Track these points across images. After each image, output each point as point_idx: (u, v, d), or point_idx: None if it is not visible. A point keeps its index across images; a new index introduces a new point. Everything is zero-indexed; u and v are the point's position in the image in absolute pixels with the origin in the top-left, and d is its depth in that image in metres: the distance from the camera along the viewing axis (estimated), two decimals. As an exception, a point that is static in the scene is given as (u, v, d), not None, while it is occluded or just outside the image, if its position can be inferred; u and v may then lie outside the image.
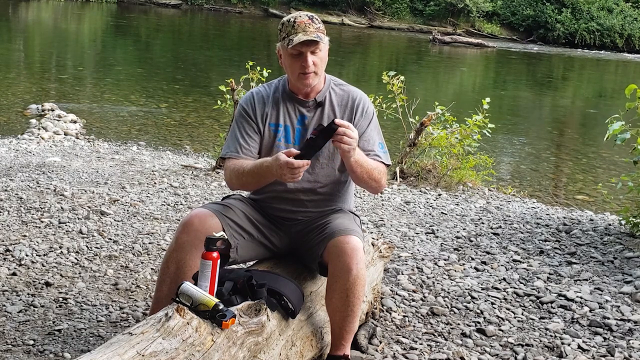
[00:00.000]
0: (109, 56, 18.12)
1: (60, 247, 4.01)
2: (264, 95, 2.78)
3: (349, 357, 2.71)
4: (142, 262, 3.94)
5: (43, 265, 3.74)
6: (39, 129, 8.27)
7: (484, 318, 3.48)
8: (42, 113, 9.23)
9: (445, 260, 4.34)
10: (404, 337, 3.21)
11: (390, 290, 3.73)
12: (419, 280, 3.94)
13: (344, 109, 2.75)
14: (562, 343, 3.23)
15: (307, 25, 2.61)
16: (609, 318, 3.53)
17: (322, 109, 2.74)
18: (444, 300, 3.68)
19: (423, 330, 3.31)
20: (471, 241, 4.83)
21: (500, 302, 3.70)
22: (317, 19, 2.67)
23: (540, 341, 3.26)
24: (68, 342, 2.92)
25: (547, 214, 5.81)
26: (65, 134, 8.20)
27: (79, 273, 3.70)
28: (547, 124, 13.99)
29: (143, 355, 1.81)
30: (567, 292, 3.84)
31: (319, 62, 2.65)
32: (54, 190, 5.20)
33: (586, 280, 4.10)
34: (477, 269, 4.22)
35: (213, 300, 2.09)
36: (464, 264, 4.31)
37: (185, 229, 2.58)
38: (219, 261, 2.25)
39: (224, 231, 2.55)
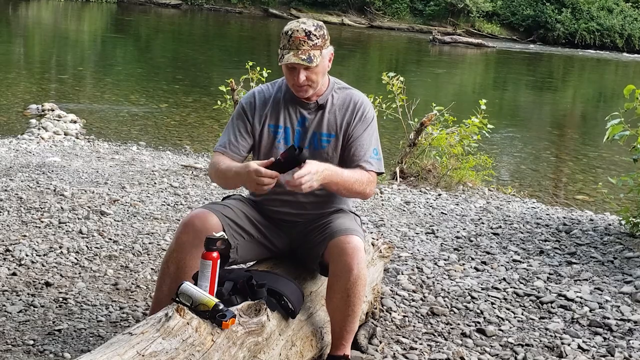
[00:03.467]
0: (109, 56, 18.12)
1: (60, 247, 4.01)
2: (266, 95, 2.77)
3: (349, 357, 2.71)
4: (142, 262, 3.94)
5: (43, 265, 3.74)
6: (39, 129, 8.27)
7: (484, 318, 3.48)
8: (42, 113, 9.22)
9: (445, 260, 4.34)
10: (404, 337, 3.22)
11: (390, 290, 3.73)
12: (419, 280, 3.94)
13: (344, 112, 2.74)
14: (562, 343, 3.23)
15: (301, 42, 2.55)
16: (609, 318, 3.53)
17: (322, 111, 2.73)
18: (444, 300, 3.68)
19: (423, 330, 3.31)
20: (471, 241, 4.83)
21: (500, 302, 3.70)
22: (314, 34, 2.57)
23: (540, 341, 3.26)
24: (68, 342, 2.92)
25: (547, 214, 5.80)
26: (65, 134, 8.20)
27: (79, 273, 3.70)
28: (547, 124, 13.99)
29: (143, 355, 1.81)
30: (567, 292, 3.84)
31: (314, 76, 2.62)
32: (54, 190, 5.20)
33: (586, 280, 4.10)
34: (477, 269, 4.22)
35: (213, 300, 2.10)
36: (464, 264, 4.31)
37: (186, 229, 2.58)
38: (219, 261, 2.25)
39: (224, 231, 2.56)
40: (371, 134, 2.74)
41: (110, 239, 4.27)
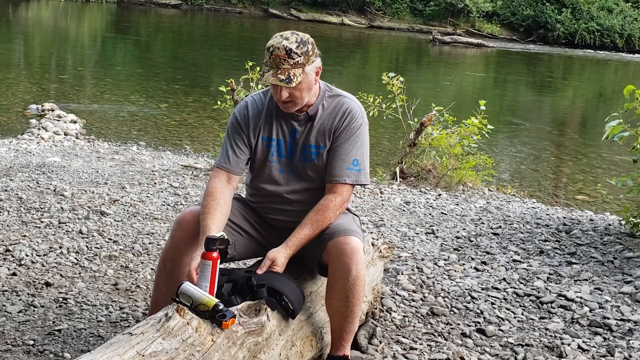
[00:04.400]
0: (109, 56, 18.12)
1: (60, 247, 4.01)
2: (259, 106, 2.72)
3: (349, 357, 2.71)
4: (142, 262, 3.95)
5: (43, 265, 3.74)
6: (39, 129, 8.26)
7: (484, 318, 3.49)
8: (42, 113, 9.22)
9: (445, 260, 4.34)
10: (404, 337, 3.22)
11: (390, 290, 3.72)
12: (419, 280, 3.94)
13: (332, 120, 2.67)
14: (562, 343, 3.23)
15: (281, 61, 2.48)
16: (609, 318, 3.53)
17: (312, 123, 2.67)
18: (444, 300, 3.68)
19: (423, 330, 3.31)
20: (471, 241, 4.83)
21: (500, 302, 3.70)
22: (296, 52, 2.48)
23: (540, 341, 3.26)
24: (68, 342, 2.92)
25: (547, 214, 5.80)
26: (65, 134, 8.19)
27: (79, 273, 3.70)
28: (547, 124, 13.99)
29: (143, 356, 1.82)
30: (567, 292, 3.84)
31: (298, 94, 2.55)
32: (54, 190, 5.20)
33: (586, 280, 4.10)
34: (477, 269, 4.22)
35: (213, 300, 2.10)
36: (464, 264, 4.31)
37: (180, 226, 2.58)
38: (218, 261, 2.25)
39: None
40: (354, 144, 2.65)
41: (110, 239, 4.27)
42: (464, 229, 5.13)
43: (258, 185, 2.75)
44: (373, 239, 3.38)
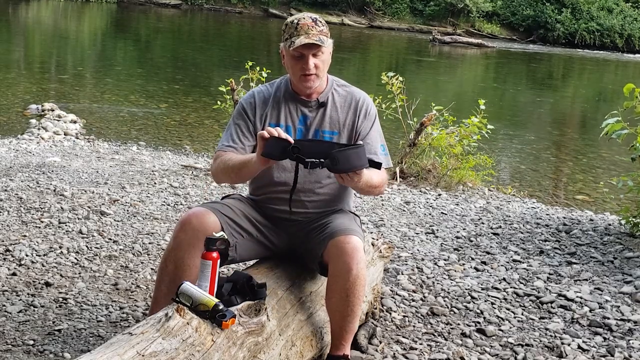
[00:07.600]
0: (109, 56, 18.12)
1: (60, 247, 4.01)
2: (265, 95, 2.78)
3: (349, 357, 2.71)
4: (142, 262, 3.94)
5: (43, 265, 3.74)
6: (39, 129, 8.26)
7: (484, 318, 3.49)
8: (42, 113, 9.21)
9: (445, 260, 4.34)
10: (404, 337, 3.22)
11: (390, 290, 3.73)
12: (419, 280, 3.94)
13: (347, 109, 2.75)
14: (562, 343, 3.23)
15: (309, 27, 2.61)
16: (609, 318, 3.53)
17: (324, 109, 2.74)
18: (444, 300, 3.68)
19: (423, 330, 3.31)
20: (471, 241, 4.83)
21: (500, 302, 3.70)
22: (321, 22, 2.67)
23: (540, 341, 3.26)
24: (68, 342, 2.92)
25: (547, 214, 5.80)
26: (65, 134, 8.19)
27: (79, 273, 3.70)
28: (547, 124, 13.98)
29: (143, 355, 1.81)
30: (567, 292, 3.84)
31: (321, 65, 2.66)
32: (54, 190, 5.20)
33: (586, 280, 4.10)
34: (477, 269, 4.22)
35: (213, 300, 2.09)
36: (464, 264, 4.31)
37: (184, 227, 2.58)
38: (218, 261, 2.25)
39: (222, 230, 2.55)
40: (377, 130, 2.79)
41: (110, 239, 4.27)
42: (464, 229, 5.13)
43: (265, 174, 2.75)
44: (373, 239, 3.38)
